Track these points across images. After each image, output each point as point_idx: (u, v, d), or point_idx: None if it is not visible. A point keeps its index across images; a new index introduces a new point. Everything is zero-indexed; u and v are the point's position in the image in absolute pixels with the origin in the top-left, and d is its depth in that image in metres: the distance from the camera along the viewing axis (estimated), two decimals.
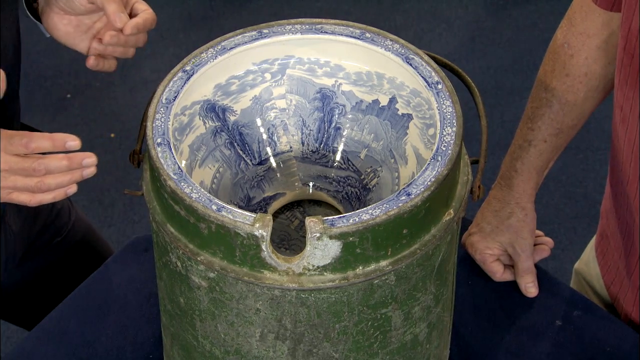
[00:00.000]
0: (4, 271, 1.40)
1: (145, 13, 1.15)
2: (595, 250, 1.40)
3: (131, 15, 1.16)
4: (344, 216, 0.92)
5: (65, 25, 1.19)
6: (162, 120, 1.00)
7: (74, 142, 1.03)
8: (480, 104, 1.05)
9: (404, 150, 1.09)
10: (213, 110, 1.09)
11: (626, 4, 1.14)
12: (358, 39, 1.07)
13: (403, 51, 1.06)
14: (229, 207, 0.92)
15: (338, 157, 1.13)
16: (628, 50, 1.15)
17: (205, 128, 1.09)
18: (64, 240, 1.50)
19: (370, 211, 0.92)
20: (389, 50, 1.06)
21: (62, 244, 1.50)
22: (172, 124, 1.01)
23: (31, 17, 1.23)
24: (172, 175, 0.95)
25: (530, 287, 1.31)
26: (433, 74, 1.04)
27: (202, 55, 1.06)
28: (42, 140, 1.02)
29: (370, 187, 1.11)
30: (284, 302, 0.96)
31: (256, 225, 0.91)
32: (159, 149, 0.97)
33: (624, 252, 1.29)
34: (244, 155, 1.12)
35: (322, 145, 1.14)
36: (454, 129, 0.99)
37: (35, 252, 1.46)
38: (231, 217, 0.91)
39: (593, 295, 1.42)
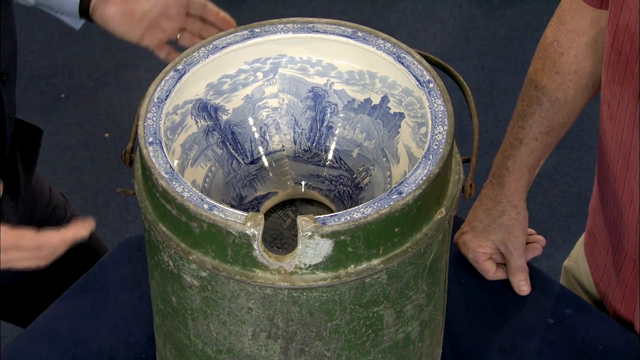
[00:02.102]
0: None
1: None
2: (584, 247, 1.40)
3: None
4: (335, 215, 0.92)
5: (122, 15, 1.25)
6: (154, 119, 1.00)
7: (85, 232, 1.05)
8: (471, 103, 1.05)
9: (395, 149, 1.09)
10: (205, 109, 1.09)
11: (613, 1, 1.14)
12: (350, 38, 1.07)
13: (395, 50, 1.06)
14: (221, 206, 0.92)
15: (330, 156, 1.13)
16: (615, 47, 1.15)
17: (197, 127, 1.09)
18: None
19: (361, 210, 0.92)
20: (381, 49, 1.06)
21: None
22: (164, 123, 1.01)
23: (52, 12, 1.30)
24: (164, 175, 0.95)
25: (522, 285, 1.31)
26: (424, 72, 1.04)
27: (194, 54, 1.06)
28: (53, 238, 1.04)
29: (363, 185, 1.11)
30: (276, 301, 0.96)
31: (248, 224, 0.91)
32: (150, 148, 0.97)
33: (612, 249, 1.30)
34: (236, 155, 1.12)
35: (314, 144, 1.14)
36: (446, 127, 0.99)
37: None
38: (223, 216, 0.92)
39: (582, 293, 1.42)
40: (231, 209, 0.92)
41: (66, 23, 1.35)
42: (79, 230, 1.04)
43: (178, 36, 1.27)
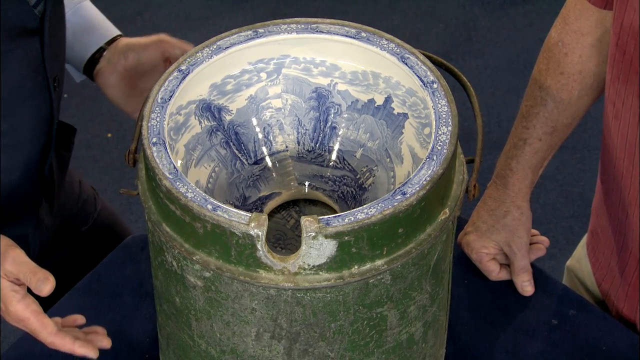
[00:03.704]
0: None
1: None
2: (586, 247, 1.40)
3: None
4: (339, 215, 0.92)
5: (124, 87, 1.30)
6: (158, 119, 1.00)
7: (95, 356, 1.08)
8: (475, 103, 1.05)
9: (399, 149, 1.09)
10: (209, 109, 1.09)
11: (618, 1, 1.14)
12: (354, 38, 1.07)
13: (398, 50, 1.06)
14: (225, 206, 0.92)
15: (334, 156, 1.13)
16: (620, 47, 1.15)
17: (201, 127, 1.09)
18: (90, 228, 1.51)
19: (365, 210, 0.92)
20: (385, 50, 1.06)
21: (88, 232, 1.51)
22: (168, 124, 1.01)
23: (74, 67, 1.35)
24: (168, 175, 0.95)
25: (526, 286, 1.31)
26: (428, 73, 1.04)
27: (198, 54, 1.06)
28: (64, 346, 1.07)
29: (366, 186, 1.11)
30: (280, 302, 0.96)
31: (251, 225, 0.91)
32: (154, 148, 0.97)
33: (616, 248, 1.30)
34: (239, 155, 1.12)
35: (317, 145, 1.14)
36: (450, 128, 0.99)
37: (63, 242, 1.46)
38: (226, 216, 0.91)
39: (584, 292, 1.42)
40: (235, 210, 0.92)
41: (69, 71, 1.38)
42: (89, 352, 1.07)
43: None
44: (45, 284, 1.03)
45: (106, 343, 1.11)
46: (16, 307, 1.05)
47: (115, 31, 1.35)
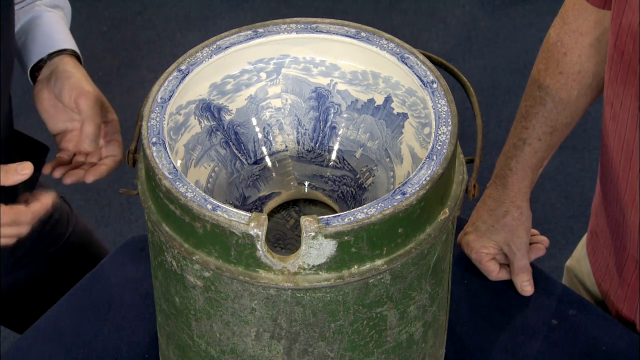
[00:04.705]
0: None
1: (111, 160, 1.29)
2: (586, 247, 1.40)
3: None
4: (339, 215, 0.92)
5: (49, 105, 1.28)
6: (157, 119, 1.00)
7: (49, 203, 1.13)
8: (475, 103, 1.05)
9: (399, 149, 1.09)
10: (208, 109, 1.09)
11: (616, 1, 1.14)
12: (353, 38, 1.07)
13: (398, 50, 1.06)
14: (224, 206, 0.92)
15: (333, 156, 1.13)
16: (618, 47, 1.15)
17: (201, 127, 1.09)
18: (59, 249, 1.49)
19: (365, 210, 0.92)
20: (384, 50, 1.06)
21: (57, 252, 1.49)
22: (168, 123, 1.01)
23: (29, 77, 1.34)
24: (167, 175, 0.95)
25: (526, 286, 1.31)
26: (428, 73, 1.04)
27: (198, 54, 1.06)
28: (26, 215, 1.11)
29: (366, 186, 1.11)
30: (280, 302, 0.96)
31: (251, 225, 0.91)
32: (154, 148, 0.97)
33: (614, 249, 1.30)
34: (239, 155, 1.12)
35: (317, 145, 1.14)
36: (449, 128, 0.99)
37: (28, 261, 1.45)
38: (226, 216, 0.92)
39: (584, 292, 1.42)
40: (234, 209, 0.92)
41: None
42: (44, 203, 1.12)
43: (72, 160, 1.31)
44: (23, 167, 1.07)
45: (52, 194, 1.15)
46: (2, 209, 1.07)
47: (62, 45, 1.31)
